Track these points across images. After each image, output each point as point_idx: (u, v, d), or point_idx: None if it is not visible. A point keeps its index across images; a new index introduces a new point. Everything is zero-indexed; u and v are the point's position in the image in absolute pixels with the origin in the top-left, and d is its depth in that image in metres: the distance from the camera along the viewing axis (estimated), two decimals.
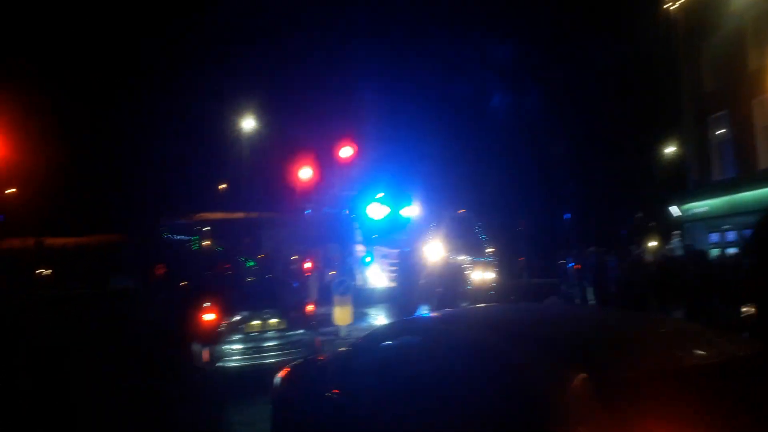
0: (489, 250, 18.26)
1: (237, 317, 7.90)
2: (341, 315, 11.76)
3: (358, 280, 18.18)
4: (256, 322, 7.94)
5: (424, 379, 3.27)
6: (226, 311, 7.91)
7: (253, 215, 30.12)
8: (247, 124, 27.87)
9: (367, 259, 17.70)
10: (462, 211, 19.37)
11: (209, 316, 7.82)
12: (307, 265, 16.88)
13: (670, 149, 25.83)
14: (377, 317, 14.91)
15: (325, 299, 13.94)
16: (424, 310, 13.93)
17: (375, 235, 19.72)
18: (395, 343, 3.93)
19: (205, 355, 7.61)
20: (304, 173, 14.14)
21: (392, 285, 17.12)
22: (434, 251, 15.94)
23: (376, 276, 18.34)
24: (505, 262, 20.75)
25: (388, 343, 3.99)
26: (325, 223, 20.93)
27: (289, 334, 8.08)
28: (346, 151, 12.48)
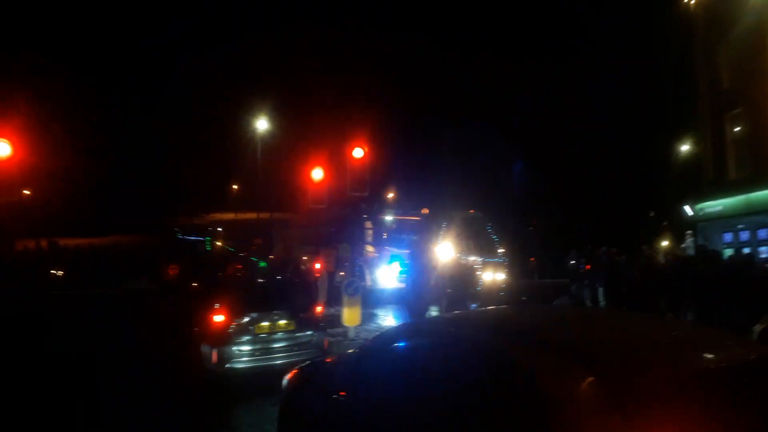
0: (500, 250, 18.14)
1: (246, 318, 7.93)
2: (350, 316, 11.76)
3: (368, 281, 18.17)
4: (265, 323, 7.96)
5: (432, 382, 3.26)
6: (236, 312, 7.94)
7: (265, 216, 30.29)
8: (261, 126, 28.03)
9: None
10: (472, 211, 19.28)
11: (219, 318, 7.86)
12: (317, 266, 16.91)
13: (685, 147, 25.55)
14: (386, 318, 14.90)
15: (335, 300, 13.95)
16: (434, 312, 13.89)
17: (385, 235, 19.69)
18: (404, 345, 3.92)
19: (215, 356, 7.65)
20: (316, 174, 14.17)
21: (402, 286, 17.07)
22: (445, 252, 15.88)
23: (386, 277, 18.31)
24: (517, 263, 20.61)
25: (397, 346, 3.98)
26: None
27: (298, 335, 8.10)
28: (358, 152, 12.47)
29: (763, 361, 2.89)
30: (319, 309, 8.94)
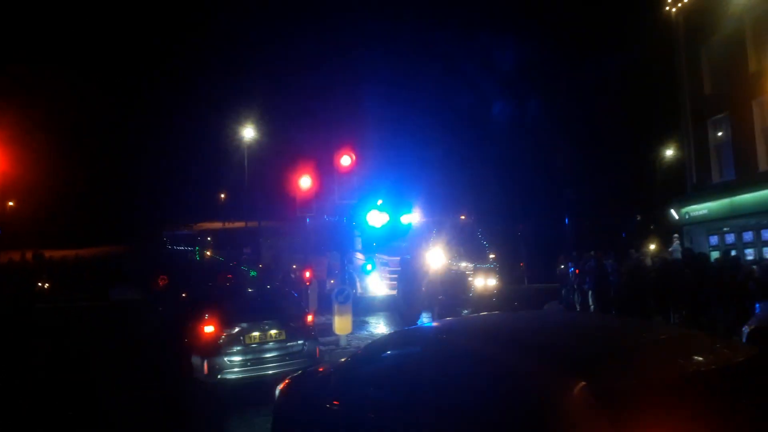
0: (490, 256, 18.21)
1: (237, 328, 7.87)
2: (341, 324, 11.72)
3: (359, 289, 18.13)
4: (256, 333, 7.91)
5: (424, 389, 3.26)
6: (226, 322, 7.88)
7: (253, 225, 30.17)
8: (247, 134, 27.97)
9: (368, 267, 17.66)
10: (463, 217, 19.34)
11: (209, 328, 7.79)
12: (307, 275, 16.84)
13: (669, 152, 25.87)
14: (378, 326, 14.86)
15: (326, 308, 13.89)
16: (426, 318, 13.89)
17: (375, 243, 19.68)
18: (395, 353, 3.92)
19: (206, 367, 7.58)
20: (304, 182, 14.13)
21: (393, 293, 17.05)
22: (435, 258, 15.90)
23: (377, 284, 18.29)
24: (507, 268, 20.70)
25: (389, 354, 3.98)
26: (326, 232, 20.88)
27: (289, 344, 8.05)
28: (345, 160, 12.46)
29: (752, 362, 2.93)
30: (310, 318, 8.89)
